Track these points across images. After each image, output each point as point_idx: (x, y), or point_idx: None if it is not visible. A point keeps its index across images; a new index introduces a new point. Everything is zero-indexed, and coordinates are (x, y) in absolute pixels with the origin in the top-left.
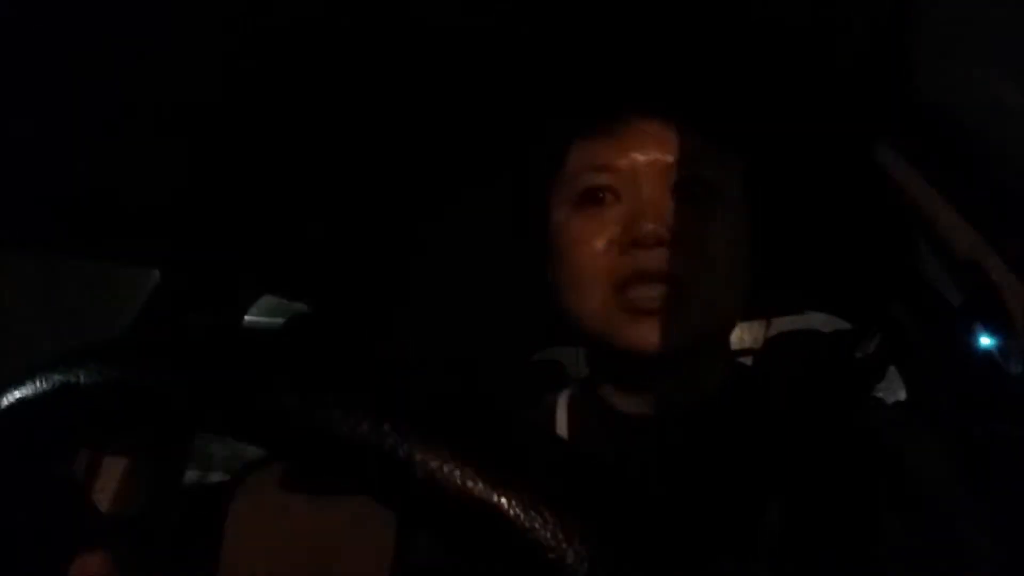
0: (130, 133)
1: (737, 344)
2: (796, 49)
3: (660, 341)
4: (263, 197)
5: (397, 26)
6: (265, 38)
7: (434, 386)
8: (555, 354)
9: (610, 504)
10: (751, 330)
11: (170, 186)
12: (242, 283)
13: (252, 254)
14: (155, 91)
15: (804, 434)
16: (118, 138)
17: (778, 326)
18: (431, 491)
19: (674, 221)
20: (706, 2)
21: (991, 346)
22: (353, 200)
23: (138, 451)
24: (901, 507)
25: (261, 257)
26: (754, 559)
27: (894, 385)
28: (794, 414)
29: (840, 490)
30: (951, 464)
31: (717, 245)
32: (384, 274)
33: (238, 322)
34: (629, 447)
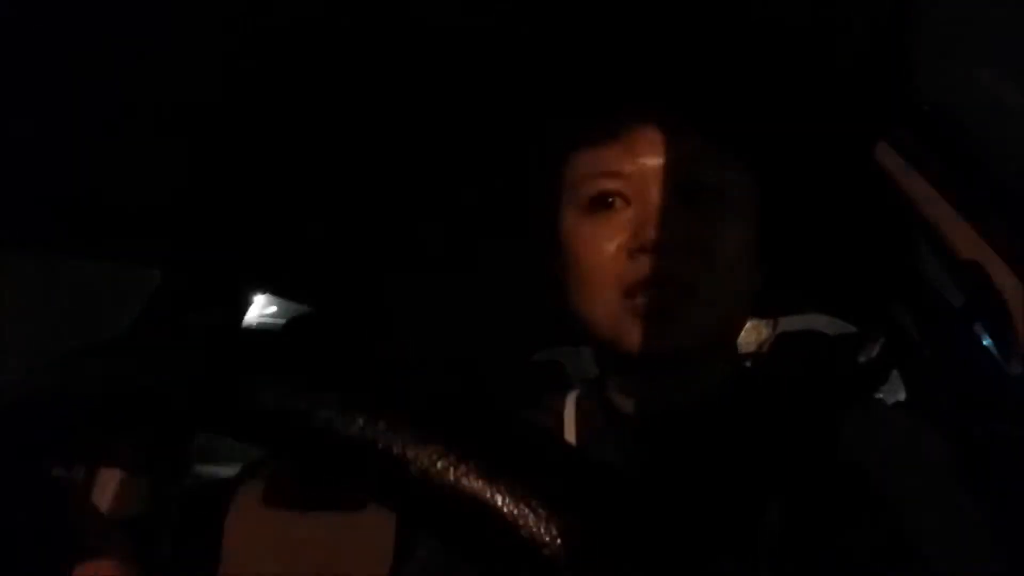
0: (130, 133)
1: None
2: (796, 49)
3: (668, 344)
4: (263, 197)
5: (397, 26)
6: (265, 38)
7: (431, 385)
8: (555, 354)
9: (608, 503)
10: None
11: (170, 186)
12: (242, 283)
13: (252, 254)
14: (155, 91)
15: (806, 435)
16: (118, 138)
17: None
18: (425, 488)
19: (682, 225)
20: (707, 2)
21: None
22: (353, 200)
23: (138, 451)
24: (902, 507)
25: (261, 257)
26: (754, 559)
27: (894, 385)
28: (797, 416)
29: (840, 491)
30: (952, 464)
31: (724, 249)
32: (384, 274)
33: (238, 322)
34: (635, 447)
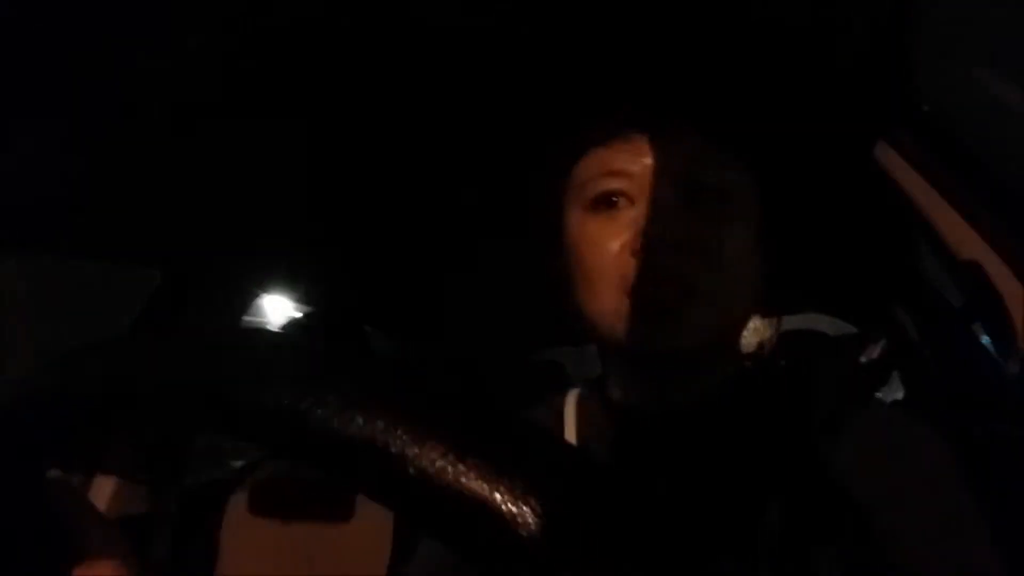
0: (130, 133)
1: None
2: (796, 49)
3: (671, 342)
4: (263, 197)
5: (396, 26)
6: (265, 38)
7: (431, 385)
8: (555, 354)
9: (609, 504)
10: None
11: (170, 186)
12: (242, 283)
13: (252, 254)
14: (155, 91)
15: (807, 436)
16: (118, 138)
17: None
18: (425, 488)
19: (683, 225)
20: (707, 3)
21: (990, 346)
22: (353, 200)
23: (138, 451)
24: (902, 507)
25: (261, 257)
26: (754, 559)
27: (893, 385)
28: (798, 416)
29: (840, 491)
30: (953, 465)
31: (726, 248)
32: (384, 274)
33: (238, 322)
34: (636, 446)
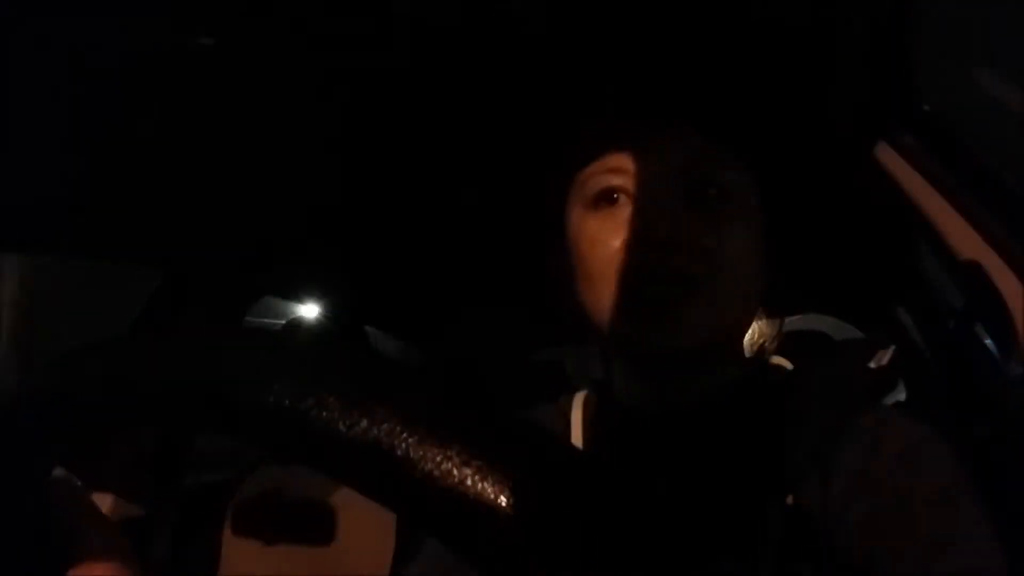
0: (130, 133)
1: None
2: (796, 49)
3: (671, 342)
4: (263, 197)
5: (396, 26)
6: (265, 38)
7: (434, 386)
8: (556, 354)
9: (614, 506)
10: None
11: (171, 186)
12: (242, 283)
13: (252, 254)
14: (155, 91)
15: (809, 437)
16: (118, 138)
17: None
18: (429, 490)
19: (683, 224)
20: (707, 3)
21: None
22: (353, 200)
23: (138, 451)
24: (903, 507)
25: (261, 257)
26: (754, 559)
27: (896, 387)
28: (800, 417)
29: (841, 491)
30: (958, 469)
31: (727, 248)
32: (384, 274)
33: (238, 322)
34: (642, 447)
